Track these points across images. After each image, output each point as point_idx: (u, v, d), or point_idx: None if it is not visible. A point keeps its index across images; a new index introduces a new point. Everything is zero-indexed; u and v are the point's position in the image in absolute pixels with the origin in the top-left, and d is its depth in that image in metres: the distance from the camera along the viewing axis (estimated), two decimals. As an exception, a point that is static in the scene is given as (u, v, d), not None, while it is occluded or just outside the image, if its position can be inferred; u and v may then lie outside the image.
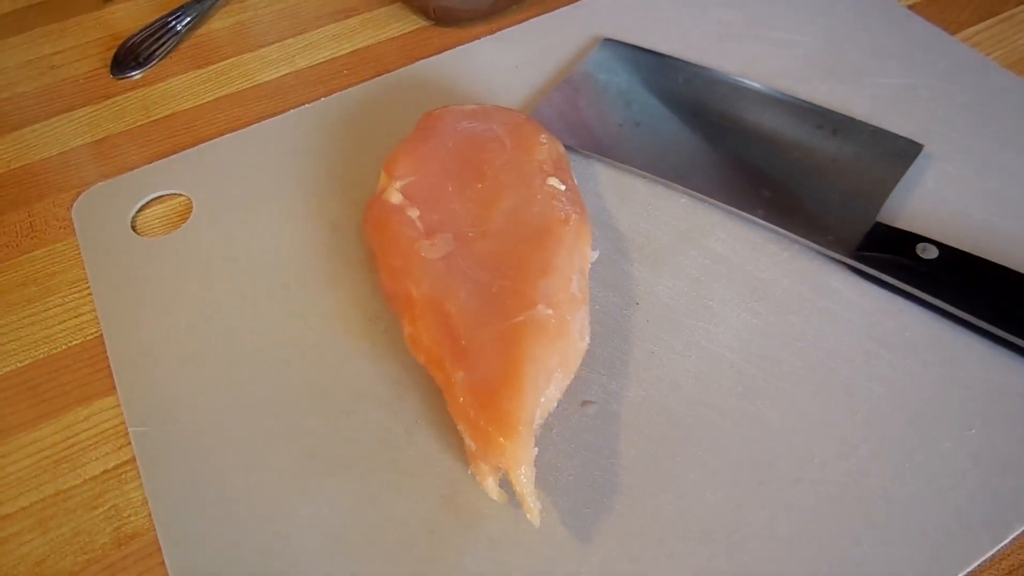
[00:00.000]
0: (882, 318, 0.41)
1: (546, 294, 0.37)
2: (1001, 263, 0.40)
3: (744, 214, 0.45)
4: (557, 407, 0.37)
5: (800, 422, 0.38)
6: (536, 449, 0.34)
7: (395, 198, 0.42)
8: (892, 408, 0.38)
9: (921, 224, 0.44)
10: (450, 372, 0.35)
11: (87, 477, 0.39)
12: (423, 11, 0.61)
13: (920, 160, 0.46)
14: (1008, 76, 0.52)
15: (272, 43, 0.61)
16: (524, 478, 0.33)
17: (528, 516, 0.33)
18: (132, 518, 0.37)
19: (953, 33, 0.56)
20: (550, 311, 0.37)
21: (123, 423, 0.40)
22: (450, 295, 0.38)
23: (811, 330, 0.41)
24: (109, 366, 0.42)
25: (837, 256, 0.43)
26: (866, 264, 0.42)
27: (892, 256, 0.42)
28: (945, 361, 0.39)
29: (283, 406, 0.40)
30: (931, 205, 0.45)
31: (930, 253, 0.41)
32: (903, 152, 0.47)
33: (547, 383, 0.35)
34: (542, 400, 0.35)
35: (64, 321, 0.45)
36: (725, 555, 0.34)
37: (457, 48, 0.58)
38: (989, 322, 0.39)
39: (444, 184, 0.43)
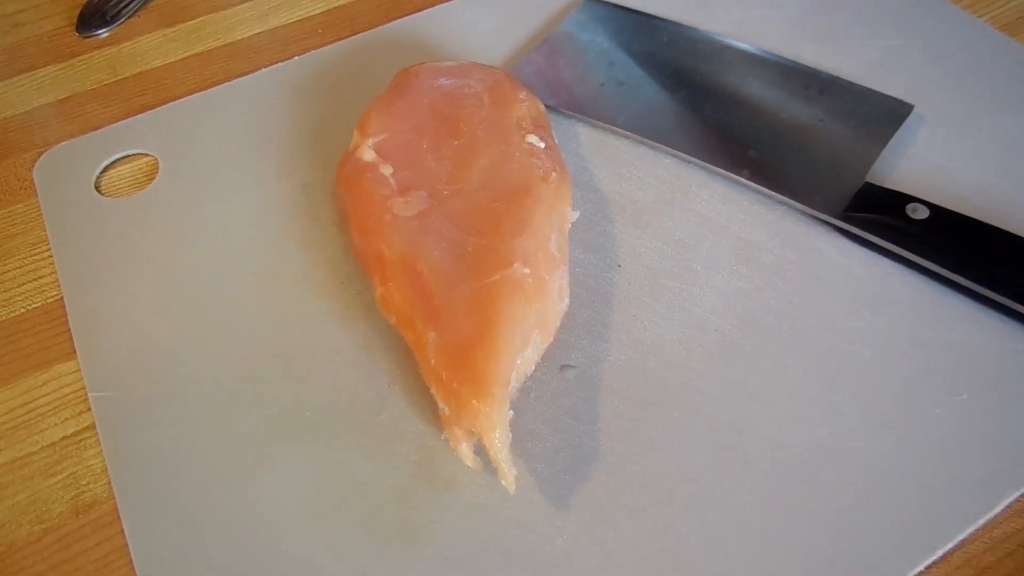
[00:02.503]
0: (870, 281, 0.40)
1: (523, 252, 0.36)
2: (992, 224, 0.39)
3: (729, 175, 0.44)
4: (535, 371, 0.36)
5: (784, 386, 0.36)
6: (511, 413, 0.33)
7: (367, 155, 0.40)
8: (879, 373, 0.37)
9: (911, 185, 0.42)
10: (422, 332, 0.34)
11: (45, 444, 0.37)
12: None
13: (910, 121, 0.45)
14: (1000, 38, 0.51)
15: (244, 1, 0.59)
16: (499, 442, 0.32)
17: (503, 482, 0.32)
18: (91, 486, 0.36)
19: (945, -6, 0.54)
20: (527, 270, 0.35)
21: (83, 388, 0.38)
22: (423, 254, 0.36)
23: (797, 293, 0.40)
24: (70, 330, 0.40)
25: (824, 217, 0.41)
26: (854, 225, 0.40)
27: (881, 216, 0.40)
28: (934, 324, 0.38)
29: (250, 371, 0.38)
30: (922, 166, 0.44)
31: (920, 213, 0.39)
32: (893, 112, 0.45)
33: (524, 344, 0.34)
34: (518, 362, 0.34)
35: (24, 284, 0.43)
36: (707, 521, 0.33)
37: (436, 7, 0.56)
38: (980, 284, 0.37)
39: (419, 141, 0.41)
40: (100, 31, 0.57)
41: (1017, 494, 0.33)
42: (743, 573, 0.31)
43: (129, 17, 0.58)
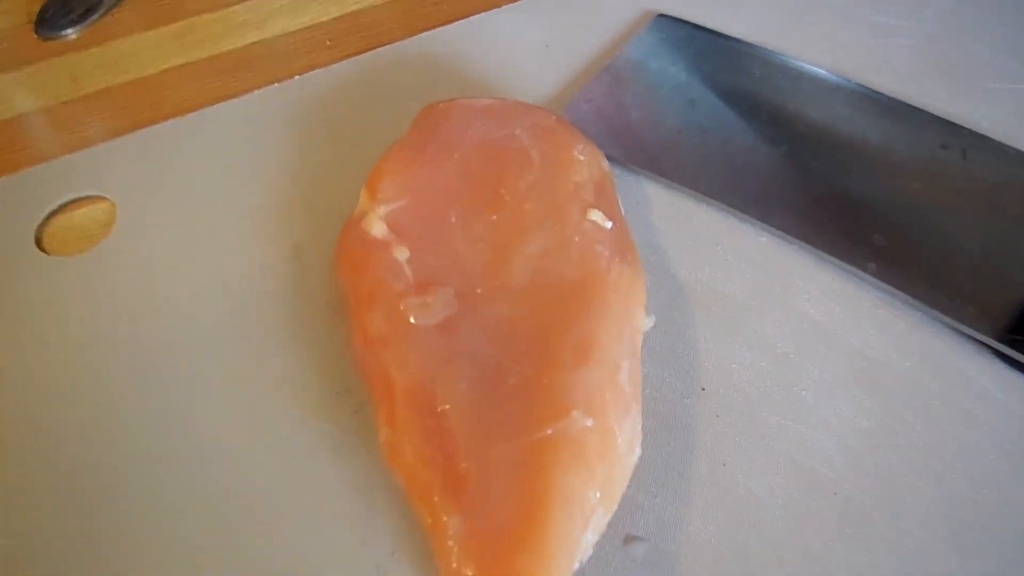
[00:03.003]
0: (1043, 428, 0.30)
1: (586, 392, 0.26)
2: None
3: (848, 266, 0.33)
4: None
5: (935, 585, 0.26)
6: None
7: (377, 229, 0.30)
8: (1065, 569, 0.27)
9: (1092, 293, 0.32)
10: (441, 512, 0.24)
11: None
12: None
13: (1083, 201, 0.35)
14: None
15: (243, 0, 0.49)
16: None
17: None
18: None
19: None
20: (590, 421, 0.25)
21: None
22: (448, 387, 0.26)
23: (944, 440, 0.30)
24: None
25: (979, 336, 0.31)
26: (1021, 350, 0.30)
27: (1058, 341, 0.30)
28: None
29: (198, 518, 0.29)
30: (1101, 265, 0.34)
31: (1118, 343, 0.29)
32: (1060, 188, 0.35)
33: (584, 530, 0.24)
34: (576, 561, 0.24)
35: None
36: None
37: (472, 17, 0.46)
38: None
39: (446, 213, 0.31)
40: (64, 32, 0.47)
41: None
42: None
43: (101, 16, 0.48)
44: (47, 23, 0.47)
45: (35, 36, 0.47)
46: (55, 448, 0.31)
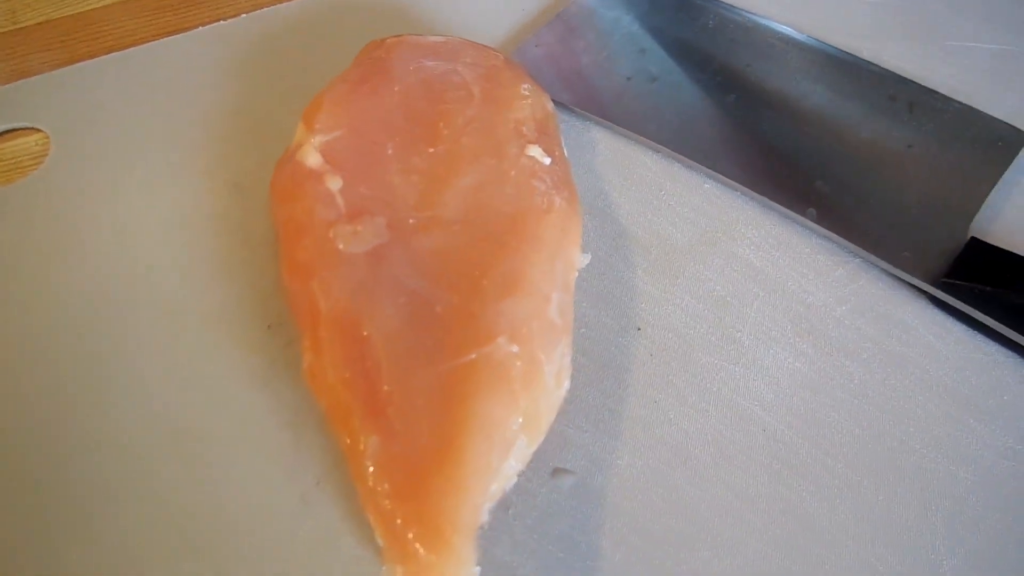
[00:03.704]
0: (974, 372, 0.30)
1: (512, 321, 0.25)
2: None
3: (790, 212, 0.33)
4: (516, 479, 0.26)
5: (859, 521, 0.27)
6: (478, 569, 0.23)
7: (312, 159, 0.30)
8: (987, 507, 0.27)
9: (1027, 243, 0.32)
10: (360, 434, 0.24)
11: None
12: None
13: (1024, 154, 0.35)
14: None
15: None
16: (458, 609, 0.22)
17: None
18: None
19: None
20: (515, 347, 0.25)
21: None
22: (373, 313, 0.26)
23: (875, 383, 0.30)
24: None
25: (914, 281, 0.31)
26: (955, 295, 0.30)
27: (991, 288, 0.30)
28: (1062, 443, 0.28)
29: (126, 449, 0.28)
30: (1039, 217, 0.34)
31: (1048, 288, 0.29)
32: (1002, 141, 0.35)
33: (503, 458, 0.24)
34: (493, 488, 0.23)
35: None
36: None
37: (425, -38, 0.45)
38: None
39: (383, 145, 0.30)
40: (5, -36, 0.45)
41: None
42: None
43: (44, -52, 0.46)
44: (-14, -47, 0.45)
45: (-26, -32, 0.45)
46: (-26, 376, 0.30)
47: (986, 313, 0.30)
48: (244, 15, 0.42)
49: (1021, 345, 0.29)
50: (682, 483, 0.27)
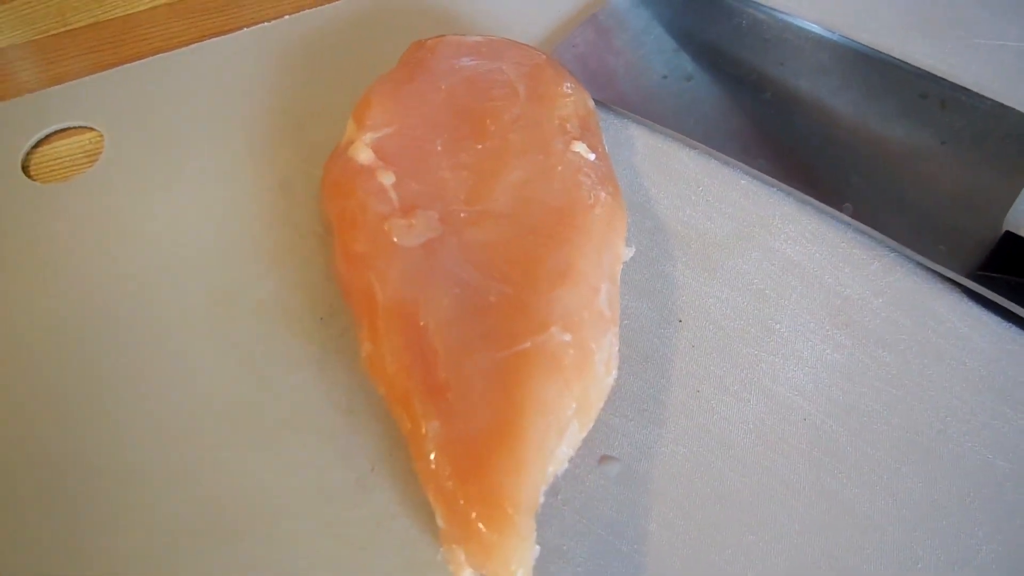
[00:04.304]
0: (1009, 363, 0.31)
1: (564, 311, 0.26)
2: None
3: (826, 207, 0.34)
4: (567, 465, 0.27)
5: (898, 507, 0.27)
6: (538, 548, 0.24)
7: (364, 156, 0.31)
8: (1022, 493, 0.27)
9: (1061, 237, 0.33)
10: (421, 419, 0.25)
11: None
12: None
13: (1056, 151, 0.35)
14: None
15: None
16: (517, 585, 0.23)
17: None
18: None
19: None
20: (568, 336, 0.26)
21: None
22: (429, 303, 0.27)
23: (912, 374, 0.30)
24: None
25: (949, 274, 0.32)
26: (989, 287, 0.31)
27: (1025, 280, 0.31)
28: (1097, 433, 0.29)
29: (184, 433, 0.29)
30: (1071, 212, 0.34)
31: (1083, 281, 0.30)
32: (1035, 138, 0.36)
33: (559, 441, 0.25)
34: (549, 471, 0.24)
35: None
36: None
37: (462, -36, 0.46)
38: None
39: (431, 142, 0.31)
40: (53, -32, 0.46)
41: None
42: None
43: (90, -47, 0.47)
44: (35, -43, 0.47)
45: (23, -30, 0.47)
46: (39, 365, 0.31)
47: (1020, 305, 0.30)
48: (287, 16, 0.43)
49: (1056, 337, 0.30)
50: (724, 470, 0.28)
